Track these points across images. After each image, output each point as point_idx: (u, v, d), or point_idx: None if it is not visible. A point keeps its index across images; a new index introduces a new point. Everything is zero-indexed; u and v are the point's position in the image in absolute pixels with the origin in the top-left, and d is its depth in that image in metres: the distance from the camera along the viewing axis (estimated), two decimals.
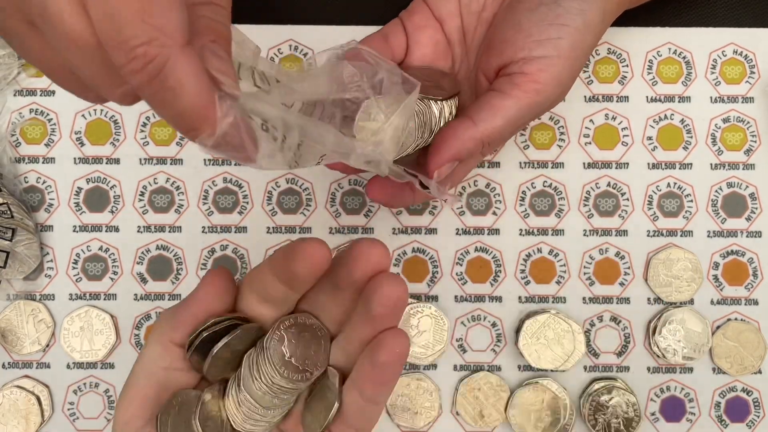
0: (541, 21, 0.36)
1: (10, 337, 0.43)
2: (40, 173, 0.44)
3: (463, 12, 0.40)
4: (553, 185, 0.45)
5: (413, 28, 0.40)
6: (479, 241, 0.45)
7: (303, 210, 0.44)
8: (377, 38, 0.40)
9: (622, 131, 0.45)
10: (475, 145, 0.35)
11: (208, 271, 0.32)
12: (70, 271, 0.44)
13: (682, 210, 0.45)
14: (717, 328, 0.44)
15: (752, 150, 0.45)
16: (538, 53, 0.35)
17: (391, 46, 0.40)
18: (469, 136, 0.35)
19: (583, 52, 0.36)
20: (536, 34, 0.36)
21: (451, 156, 0.35)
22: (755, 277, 0.44)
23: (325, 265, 0.30)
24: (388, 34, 0.40)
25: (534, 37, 0.36)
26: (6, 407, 0.42)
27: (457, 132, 0.36)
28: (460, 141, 0.35)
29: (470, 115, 0.36)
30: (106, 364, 0.44)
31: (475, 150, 0.36)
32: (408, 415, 0.43)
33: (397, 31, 0.40)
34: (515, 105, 0.35)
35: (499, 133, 0.36)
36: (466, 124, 0.36)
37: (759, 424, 0.44)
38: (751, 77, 0.45)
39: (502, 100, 0.35)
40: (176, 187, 0.44)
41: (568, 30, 0.35)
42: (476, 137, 0.35)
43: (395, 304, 0.30)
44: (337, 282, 0.31)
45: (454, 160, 0.36)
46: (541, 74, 0.35)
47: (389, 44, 0.40)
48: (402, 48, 0.40)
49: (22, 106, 0.45)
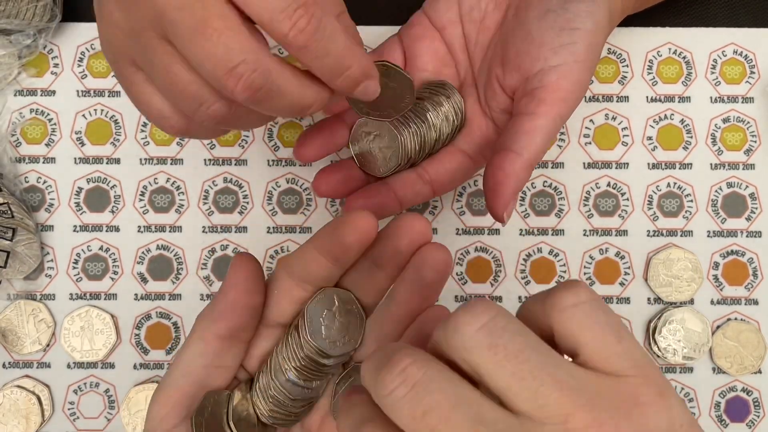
0: (552, 28, 0.35)
1: (11, 336, 0.43)
2: (41, 173, 0.44)
3: (464, 20, 0.40)
4: (553, 185, 0.45)
5: (411, 41, 0.40)
6: (479, 241, 0.45)
7: (303, 210, 0.45)
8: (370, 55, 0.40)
9: (622, 131, 0.45)
10: (527, 174, 0.36)
11: (234, 258, 0.32)
12: (70, 270, 0.44)
13: (682, 210, 0.45)
14: (717, 328, 0.44)
15: (752, 150, 0.45)
16: (555, 62, 0.35)
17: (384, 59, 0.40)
18: (519, 168, 0.35)
19: (597, 54, 0.36)
20: (549, 42, 0.35)
21: (512, 193, 0.35)
22: (755, 277, 0.44)
23: (373, 234, 0.30)
24: (383, 51, 0.40)
25: (548, 46, 0.35)
26: (6, 407, 0.42)
27: (507, 169, 0.35)
28: (515, 176, 0.35)
29: (510, 148, 0.35)
30: (107, 364, 0.44)
31: (528, 177, 0.36)
32: None
33: (393, 47, 0.41)
34: (547, 121, 0.35)
35: (543, 151, 0.36)
36: (511, 157, 0.35)
37: (759, 424, 0.44)
38: (751, 77, 0.45)
39: (534, 121, 0.35)
40: (176, 187, 0.45)
41: (580, 34, 0.35)
42: (526, 166, 0.35)
43: (446, 269, 0.31)
44: (376, 259, 0.32)
45: (515, 196, 0.36)
46: (562, 82, 0.35)
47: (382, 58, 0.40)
48: (398, 61, 0.40)
49: (22, 106, 0.45)
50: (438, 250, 0.31)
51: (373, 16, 0.45)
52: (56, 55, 0.45)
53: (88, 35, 0.45)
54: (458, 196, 0.45)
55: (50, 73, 0.45)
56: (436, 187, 0.40)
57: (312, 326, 0.32)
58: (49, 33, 0.44)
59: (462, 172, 0.40)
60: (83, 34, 0.45)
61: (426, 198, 0.40)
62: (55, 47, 0.45)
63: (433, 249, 0.31)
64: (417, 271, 0.31)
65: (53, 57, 0.45)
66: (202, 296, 0.44)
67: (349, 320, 0.32)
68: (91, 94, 0.45)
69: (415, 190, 0.40)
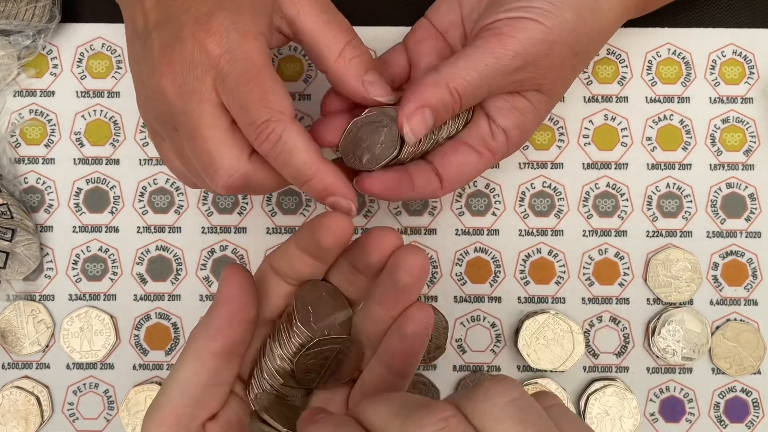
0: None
1: (10, 337, 0.43)
2: (40, 174, 0.44)
3: (465, 21, 0.40)
4: (553, 186, 0.45)
5: (415, 44, 0.41)
6: (479, 241, 0.45)
7: (303, 210, 0.45)
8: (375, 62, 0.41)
9: (621, 132, 0.45)
10: (441, 91, 0.35)
11: (224, 271, 0.32)
12: (69, 271, 0.44)
13: (682, 210, 0.45)
14: (716, 329, 0.44)
15: (751, 150, 0.45)
16: (505, 15, 0.36)
17: (388, 65, 0.41)
18: (432, 82, 0.35)
19: (563, 24, 0.36)
20: (507, 3, 0.36)
21: (416, 103, 0.35)
22: (754, 277, 0.44)
23: (349, 235, 0.31)
24: (386, 57, 0.41)
25: (505, 6, 0.36)
26: (6, 408, 0.42)
27: (422, 80, 0.36)
28: (424, 87, 0.35)
29: (434, 67, 0.36)
30: (106, 365, 0.44)
31: (444, 97, 0.36)
32: None
33: (396, 52, 0.41)
34: (476, 51, 0.36)
35: (463, 78, 0.35)
36: (429, 72, 0.36)
37: (758, 425, 0.44)
38: (751, 78, 0.45)
39: (465, 50, 0.36)
40: (176, 188, 0.45)
41: (541, 0, 0.35)
42: (440, 82, 0.35)
43: (420, 273, 0.31)
44: (354, 263, 0.33)
45: (422, 107, 0.35)
46: (505, 28, 0.36)
47: (386, 64, 0.40)
48: (401, 65, 0.41)
49: (21, 107, 0.45)
50: (413, 254, 0.31)
51: (373, 17, 0.45)
52: (55, 55, 0.45)
53: (88, 36, 0.45)
54: (457, 196, 0.45)
55: (49, 73, 0.45)
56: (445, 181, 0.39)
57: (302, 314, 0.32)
58: (49, 34, 0.44)
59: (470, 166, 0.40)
60: (82, 35, 0.45)
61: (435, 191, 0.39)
62: (55, 48, 0.45)
63: (408, 252, 0.31)
64: (391, 275, 0.31)
65: (52, 58, 0.45)
66: (201, 297, 0.44)
67: (336, 308, 0.33)
68: (90, 94, 0.45)
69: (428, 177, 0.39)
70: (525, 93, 0.38)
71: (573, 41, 0.37)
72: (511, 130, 0.38)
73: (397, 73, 0.40)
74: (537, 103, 0.38)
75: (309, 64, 0.45)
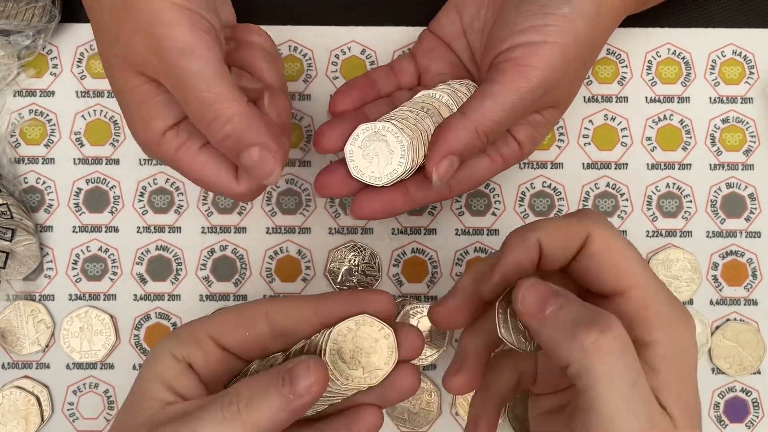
0: (525, 12, 0.36)
1: (10, 337, 0.43)
2: (40, 174, 0.44)
3: (466, 31, 0.41)
4: (553, 186, 0.45)
5: (423, 52, 0.42)
6: (479, 241, 0.45)
7: (302, 210, 0.45)
8: (382, 69, 0.42)
9: (621, 132, 0.45)
10: (469, 136, 0.36)
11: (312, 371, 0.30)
12: (69, 271, 0.44)
13: (682, 210, 0.45)
14: (716, 329, 0.44)
15: (751, 150, 0.45)
16: (522, 40, 0.36)
17: (395, 72, 0.41)
18: (461, 127, 0.35)
19: (577, 38, 0.36)
20: (521, 24, 0.36)
21: (447, 150, 0.35)
22: (754, 277, 0.44)
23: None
24: (393, 64, 0.42)
25: (518, 27, 0.36)
26: (6, 407, 0.42)
27: (450, 125, 0.36)
28: (453, 133, 0.35)
29: (460, 110, 0.36)
30: (106, 365, 0.44)
31: (471, 141, 0.36)
32: (407, 416, 0.43)
33: (404, 60, 0.42)
34: (502, 89, 0.36)
35: (490, 119, 0.36)
36: (456, 116, 0.36)
37: (758, 425, 0.44)
38: (750, 78, 0.45)
39: (489, 87, 0.36)
40: (176, 188, 0.45)
41: (554, 17, 0.36)
42: (468, 127, 0.35)
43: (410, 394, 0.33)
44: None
45: (450, 155, 0.36)
46: (526, 58, 0.35)
47: (393, 71, 0.41)
48: (410, 73, 0.41)
49: (21, 107, 0.45)
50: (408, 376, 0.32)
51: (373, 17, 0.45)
52: (55, 55, 0.45)
53: (87, 36, 0.45)
54: (457, 197, 0.45)
55: (49, 73, 0.45)
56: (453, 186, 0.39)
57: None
58: (48, 34, 0.44)
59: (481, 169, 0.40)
60: (82, 35, 0.45)
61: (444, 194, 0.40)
62: (54, 48, 0.45)
63: (405, 374, 0.32)
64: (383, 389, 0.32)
65: (52, 58, 0.45)
66: (201, 297, 0.44)
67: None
68: (90, 94, 0.45)
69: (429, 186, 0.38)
70: (541, 111, 0.39)
71: (585, 54, 0.37)
72: (524, 141, 0.39)
73: (406, 81, 0.41)
74: (550, 117, 0.39)
75: (309, 64, 0.45)
